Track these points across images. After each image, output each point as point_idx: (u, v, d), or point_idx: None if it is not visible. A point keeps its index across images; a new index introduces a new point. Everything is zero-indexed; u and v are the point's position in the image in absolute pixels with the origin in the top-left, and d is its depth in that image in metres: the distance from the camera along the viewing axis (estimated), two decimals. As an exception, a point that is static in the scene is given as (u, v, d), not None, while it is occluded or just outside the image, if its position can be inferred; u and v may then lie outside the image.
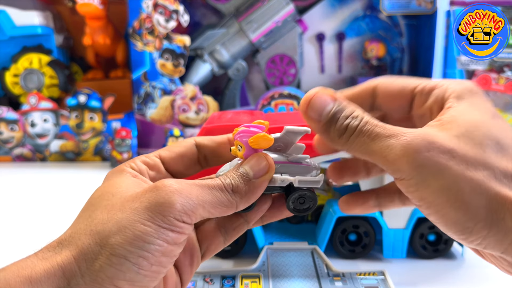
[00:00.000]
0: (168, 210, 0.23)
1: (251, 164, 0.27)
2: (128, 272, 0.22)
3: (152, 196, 0.23)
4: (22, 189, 0.82)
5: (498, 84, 0.88)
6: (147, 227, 0.22)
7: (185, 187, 0.24)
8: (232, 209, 0.26)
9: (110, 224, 0.23)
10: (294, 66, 1.02)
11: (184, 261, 0.28)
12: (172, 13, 0.92)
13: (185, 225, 0.24)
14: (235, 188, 0.26)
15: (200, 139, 0.31)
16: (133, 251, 0.22)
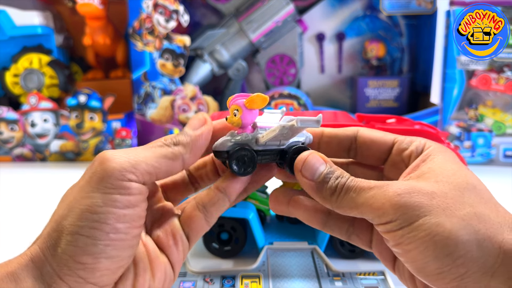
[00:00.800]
0: (107, 175, 0.24)
1: (189, 122, 0.29)
2: (85, 246, 0.23)
3: (91, 168, 0.25)
4: (22, 189, 0.82)
5: (498, 84, 0.87)
6: (92, 198, 0.23)
7: (123, 150, 0.25)
8: (178, 161, 0.27)
9: (63, 210, 0.24)
10: (294, 66, 1.02)
11: (167, 242, 0.29)
12: (172, 13, 0.92)
13: (131, 183, 0.24)
14: (176, 141, 0.27)
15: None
16: (83, 225, 0.23)
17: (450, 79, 0.89)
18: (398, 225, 0.24)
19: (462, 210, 0.23)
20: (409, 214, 0.24)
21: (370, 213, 0.25)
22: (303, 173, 0.28)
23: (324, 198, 0.27)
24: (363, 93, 0.99)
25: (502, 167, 0.90)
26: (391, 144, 0.30)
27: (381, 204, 0.24)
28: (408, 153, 0.29)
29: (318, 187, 0.27)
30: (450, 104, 0.90)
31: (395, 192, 0.24)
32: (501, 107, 0.90)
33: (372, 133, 0.31)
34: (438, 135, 0.51)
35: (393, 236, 0.24)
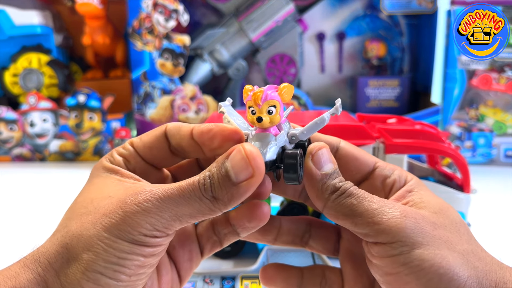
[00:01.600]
0: (137, 229, 0.22)
1: (233, 162, 0.23)
2: (107, 286, 0.22)
3: (120, 214, 0.23)
4: (21, 189, 0.81)
5: (499, 84, 0.87)
6: (118, 244, 0.22)
7: (155, 205, 0.23)
8: (216, 215, 0.24)
9: (82, 239, 0.23)
10: (294, 65, 1.01)
11: (182, 257, 0.28)
12: (172, 13, 0.92)
13: (159, 239, 0.23)
14: (216, 195, 0.23)
15: (171, 127, 0.27)
16: (107, 266, 0.22)
17: (451, 78, 0.89)
18: (397, 248, 0.23)
19: (461, 246, 0.23)
20: (412, 239, 0.23)
21: (367, 226, 0.24)
22: (314, 158, 0.26)
23: (321, 194, 0.25)
24: (364, 93, 0.99)
25: (503, 167, 0.89)
26: (371, 167, 0.29)
27: (384, 221, 0.23)
28: (391, 181, 0.28)
29: (321, 180, 0.25)
30: (451, 104, 0.90)
31: (402, 213, 0.23)
32: (502, 107, 0.90)
33: (354, 150, 0.29)
34: (439, 135, 0.51)
35: (390, 262, 0.23)
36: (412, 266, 0.22)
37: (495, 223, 0.62)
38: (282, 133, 0.25)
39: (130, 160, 0.28)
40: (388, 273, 0.24)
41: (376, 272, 0.25)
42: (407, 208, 0.24)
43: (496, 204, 0.69)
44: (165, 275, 0.27)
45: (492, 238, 0.54)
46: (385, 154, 0.48)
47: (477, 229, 0.49)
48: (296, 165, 0.24)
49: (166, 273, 0.27)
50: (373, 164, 0.29)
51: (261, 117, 0.24)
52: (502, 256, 0.25)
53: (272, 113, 0.24)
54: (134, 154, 0.28)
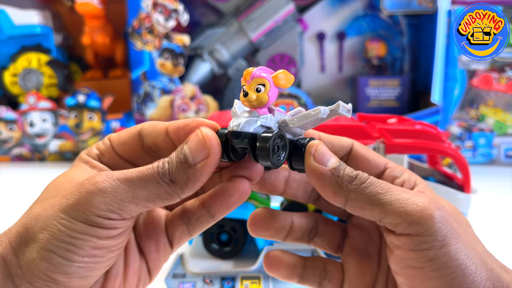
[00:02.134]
0: (90, 210, 0.23)
1: (191, 145, 0.24)
2: (59, 265, 0.22)
3: (76, 194, 0.23)
4: (20, 189, 0.81)
5: (500, 84, 0.87)
6: (72, 223, 0.23)
7: (112, 184, 0.23)
8: (174, 199, 0.24)
9: (40, 219, 0.23)
10: (295, 65, 1.01)
11: (149, 248, 0.28)
12: (172, 12, 0.91)
13: (114, 221, 0.23)
14: (174, 178, 0.23)
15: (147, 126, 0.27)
16: (60, 245, 0.22)
17: (451, 78, 0.89)
18: (428, 243, 0.22)
19: (478, 246, 0.23)
20: (444, 234, 0.22)
21: (398, 216, 0.23)
22: (316, 156, 0.25)
23: (339, 188, 0.24)
24: (364, 92, 0.99)
25: (504, 167, 0.89)
26: (382, 168, 0.29)
27: (418, 211, 0.22)
28: (400, 182, 0.28)
29: (333, 173, 0.24)
30: (451, 104, 0.90)
31: (434, 205, 0.23)
32: (503, 107, 0.89)
33: (366, 151, 0.29)
34: (439, 135, 0.50)
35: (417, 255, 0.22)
36: (439, 263, 0.22)
37: (495, 223, 0.62)
38: (270, 115, 0.25)
39: (105, 155, 0.28)
40: (410, 266, 0.23)
41: (396, 264, 0.24)
42: (436, 201, 0.23)
43: (497, 204, 0.68)
44: (133, 263, 0.27)
45: (492, 238, 0.54)
46: (386, 154, 0.47)
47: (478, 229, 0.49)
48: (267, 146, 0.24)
49: (133, 262, 0.27)
50: (384, 165, 0.29)
51: (248, 92, 0.24)
52: (503, 256, 0.25)
53: (260, 91, 0.24)
54: (109, 149, 0.28)
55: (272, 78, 0.24)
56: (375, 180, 0.24)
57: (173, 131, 0.26)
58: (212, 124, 0.26)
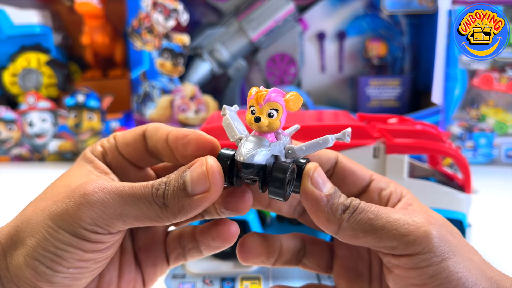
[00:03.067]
0: (77, 222, 0.22)
1: (193, 174, 0.23)
2: (44, 275, 0.22)
3: (66, 203, 0.23)
4: (20, 189, 0.81)
5: (500, 84, 0.87)
6: (59, 234, 0.22)
7: (102, 198, 0.22)
8: (163, 223, 0.23)
9: (30, 224, 0.23)
10: (295, 65, 1.01)
11: (146, 261, 0.28)
12: (172, 12, 0.91)
13: (101, 236, 0.23)
14: (167, 203, 0.22)
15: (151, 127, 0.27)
16: (45, 255, 0.22)
17: (451, 78, 0.89)
18: (427, 260, 0.22)
19: (475, 257, 0.23)
20: (441, 249, 0.22)
21: (393, 239, 0.22)
22: (313, 180, 0.24)
23: (333, 216, 0.24)
24: (364, 92, 0.99)
25: (504, 167, 0.89)
26: (368, 180, 0.28)
27: (412, 231, 0.22)
28: (387, 194, 0.28)
29: (328, 201, 0.24)
30: (452, 104, 0.90)
31: (427, 221, 0.22)
32: (503, 107, 0.89)
33: (351, 164, 0.29)
34: (440, 135, 0.50)
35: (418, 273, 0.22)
36: (440, 278, 0.22)
37: (496, 224, 0.61)
38: (278, 142, 0.24)
39: (108, 153, 0.27)
40: (412, 284, 0.23)
41: (396, 282, 0.24)
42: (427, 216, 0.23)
43: (497, 204, 0.68)
44: (127, 274, 0.27)
45: (493, 238, 0.54)
46: (386, 154, 0.47)
47: (478, 229, 0.49)
48: (284, 179, 0.23)
49: (128, 272, 0.27)
50: (369, 177, 0.29)
51: (260, 117, 0.23)
52: (503, 257, 0.25)
53: (272, 116, 0.23)
54: (114, 148, 0.28)
55: (285, 102, 0.23)
56: (365, 205, 0.24)
57: (172, 139, 0.26)
58: (212, 142, 0.25)
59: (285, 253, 0.29)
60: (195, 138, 0.25)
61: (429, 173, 0.58)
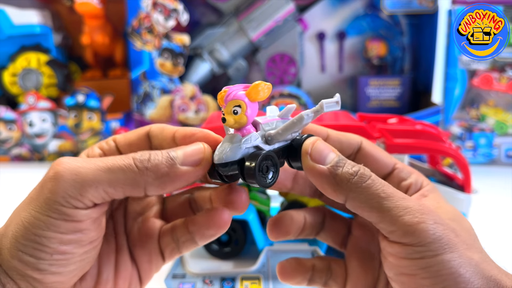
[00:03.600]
0: (51, 197, 0.22)
1: (187, 149, 0.24)
2: (29, 263, 0.22)
3: (40, 184, 0.23)
4: (20, 189, 0.81)
5: (500, 84, 0.87)
6: (35, 218, 0.22)
7: (73, 166, 0.22)
8: (138, 190, 0.23)
9: (13, 216, 0.23)
10: (295, 65, 1.01)
11: (142, 257, 0.28)
12: (172, 12, 0.91)
13: (78, 211, 0.22)
14: (152, 165, 0.22)
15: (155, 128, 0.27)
16: (26, 244, 0.22)
17: (451, 78, 0.89)
18: (421, 252, 0.22)
19: (476, 254, 0.23)
20: (438, 245, 0.22)
21: (393, 224, 0.23)
22: (312, 155, 0.24)
23: (339, 186, 0.23)
24: (364, 92, 0.99)
25: (504, 167, 0.89)
26: (390, 169, 0.29)
27: (415, 223, 0.22)
28: (407, 184, 0.28)
29: (331, 171, 0.23)
30: (452, 104, 0.90)
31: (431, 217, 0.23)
32: (503, 107, 0.89)
33: (375, 150, 0.29)
34: (440, 135, 0.50)
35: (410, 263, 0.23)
36: (431, 271, 0.22)
37: (496, 224, 0.61)
38: (252, 134, 0.24)
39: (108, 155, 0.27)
40: (403, 273, 0.23)
41: (390, 270, 0.24)
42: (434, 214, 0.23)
43: (497, 204, 0.68)
44: (124, 270, 0.27)
45: (493, 238, 0.54)
46: (386, 154, 0.47)
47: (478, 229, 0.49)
48: (252, 168, 0.23)
49: (125, 269, 0.27)
50: (392, 165, 0.29)
51: (224, 117, 0.23)
52: (503, 256, 0.25)
53: (237, 113, 0.23)
54: (114, 150, 0.28)
55: (247, 96, 0.23)
56: (378, 180, 0.24)
57: (180, 137, 0.26)
58: (218, 140, 0.25)
59: (307, 228, 0.30)
60: (202, 137, 0.26)
61: (429, 173, 0.58)
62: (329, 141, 0.28)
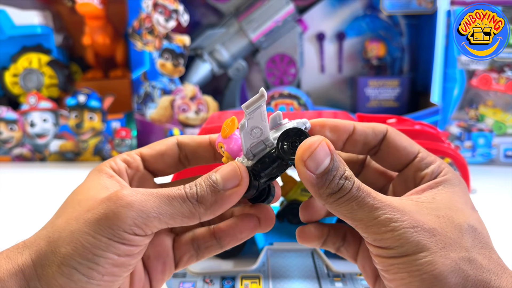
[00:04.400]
0: (117, 224, 0.23)
1: (223, 173, 0.25)
2: (79, 282, 0.23)
3: (103, 208, 0.23)
4: (21, 189, 0.81)
5: (499, 84, 0.87)
6: (96, 240, 0.23)
7: (140, 198, 0.24)
8: (194, 220, 0.25)
9: (64, 233, 0.24)
10: (294, 65, 1.02)
11: (156, 268, 0.29)
12: (172, 13, 0.92)
13: (137, 237, 0.24)
14: (201, 199, 0.25)
15: (182, 137, 0.30)
16: (82, 262, 0.23)
17: (450, 79, 0.89)
18: (391, 254, 0.23)
19: (458, 253, 0.23)
20: (406, 247, 0.23)
21: (365, 232, 0.24)
22: (308, 164, 0.24)
23: (320, 196, 0.24)
24: (364, 93, 0.99)
25: (503, 167, 0.90)
26: (412, 158, 0.29)
27: (382, 232, 0.23)
28: (422, 175, 0.28)
29: (318, 182, 0.24)
30: (451, 104, 0.90)
31: (400, 226, 0.23)
32: (502, 107, 0.90)
33: (399, 138, 0.29)
34: (438, 135, 0.51)
35: (382, 261, 0.24)
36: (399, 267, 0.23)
37: (494, 223, 0.62)
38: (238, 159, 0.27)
39: (132, 168, 0.29)
40: (380, 269, 0.25)
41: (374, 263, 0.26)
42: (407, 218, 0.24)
43: (496, 204, 0.69)
44: (138, 282, 0.28)
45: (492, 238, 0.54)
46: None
47: (477, 229, 0.49)
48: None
49: (139, 280, 0.28)
50: (415, 154, 0.29)
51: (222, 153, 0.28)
52: (502, 256, 0.25)
53: (223, 152, 0.27)
54: (138, 162, 0.30)
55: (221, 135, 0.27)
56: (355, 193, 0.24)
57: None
58: None
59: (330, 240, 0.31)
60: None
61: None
62: (355, 135, 0.28)
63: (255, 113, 0.25)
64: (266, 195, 0.28)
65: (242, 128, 0.26)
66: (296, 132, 0.26)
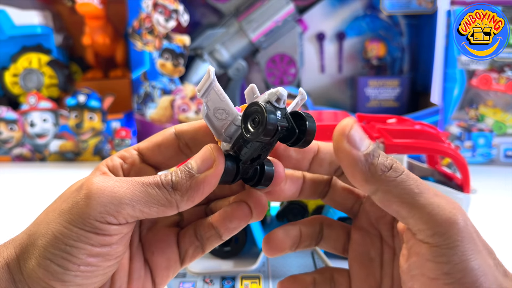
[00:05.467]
0: (87, 212, 0.22)
1: (197, 156, 0.25)
2: (56, 273, 0.22)
3: (74, 196, 0.23)
4: (21, 189, 0.81)
5: (499, 84, 0.87)
6: (67, 230, 0.22)
7: (111, 185, 0.23)
8: (171, 209, 0.24)
9: (41, 225, 0.24)
10: (294, 65, 1.02)
11: (160, 264, 0.28)
12: (172, 13, 0.92)
13: (111, 226, 0.23)
14: (175, 185, 0.24)
15: (180, 126, 0.29)
16: (56, 253, 0.22)
17: (450, 79, 0.89)
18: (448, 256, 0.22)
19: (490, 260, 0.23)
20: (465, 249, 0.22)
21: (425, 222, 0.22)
22: (350, 138, 0.22)
23: (372, 176, 0.22)
24: (364, 93, 0.99)
25: (503, 167, 0.90)
26: None
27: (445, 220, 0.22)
28: None
29: (367, 159, 0.22)
30: (451, 104, 0.90)
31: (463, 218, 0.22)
32: (502, 107, 0.90)
33: None
34: (439, 135, 0.51)
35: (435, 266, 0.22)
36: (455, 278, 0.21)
37: (495, 223, 0.62)
38: None
39: (128, 163, 0.28)
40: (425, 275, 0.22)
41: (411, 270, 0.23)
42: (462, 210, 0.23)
43: (496, 204, 0.69)
44: (137, 279, 0.27)
45: (492, 238, 0.54)
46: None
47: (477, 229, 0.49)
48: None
49: (138, 277, 0.27)
50: None
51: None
52: (502, 256, 0.25)
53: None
54: (135, 157, 0.28)
55: None
56: (411, 175, 0.23)
57: None
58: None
59: (304, 240, 0.30)
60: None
61: (428, 173, 0.59)
62: (320, 153, 0.27)
63: (211, 94, 0.24)
64: (259, 177, 0.26)
65: (203, 113, 0.25)
66: (255, 109, 0.24)
